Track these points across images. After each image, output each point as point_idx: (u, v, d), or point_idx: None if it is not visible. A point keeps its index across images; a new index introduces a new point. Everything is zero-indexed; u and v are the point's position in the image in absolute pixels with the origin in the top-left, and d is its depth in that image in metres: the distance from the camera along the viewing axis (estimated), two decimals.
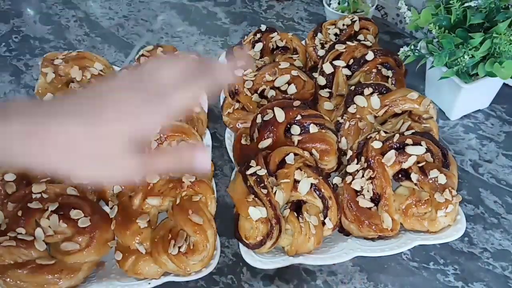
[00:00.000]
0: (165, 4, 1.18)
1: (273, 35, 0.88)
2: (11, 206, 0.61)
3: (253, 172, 0.58)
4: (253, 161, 0.59)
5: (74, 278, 0.59)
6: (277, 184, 0.57)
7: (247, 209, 0.55)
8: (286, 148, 0.62)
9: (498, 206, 0.69)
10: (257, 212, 0.55)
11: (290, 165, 0.59)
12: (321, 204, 0.59)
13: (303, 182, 0.58)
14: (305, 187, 0.58)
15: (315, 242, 0.58)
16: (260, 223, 0.56)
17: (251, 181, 0.57)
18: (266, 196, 0.56)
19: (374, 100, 0.69)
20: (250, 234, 0.56)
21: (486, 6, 0.69)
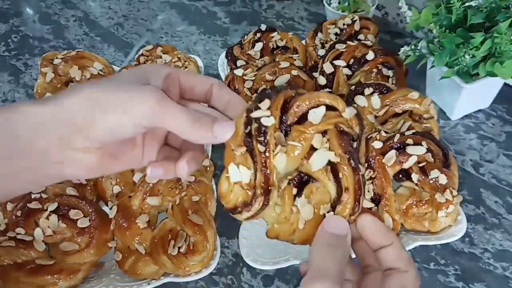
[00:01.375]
0: (165, 4, 1.18)
1: (273, 34, 0.87)
2: (11, 206, 0.60)
3: (259, 116, 0.39)
4: (267, 101, 0.40)
5: (73, 279, 0.59)
6: (285, 143, 0.40)
7: (228, 164, 0.39)
8: (321, 94, 0.41)
9: (499, 206, 0.69)
10: (237, 173, 0.39)
11: (311, 124, 0.40)
12: (333, 192, 0.41)
13: (319, 154, 0.40)
14: (318, 162, 0.41)
15: (301, 239, 0.42)
16: (239, 187, 0.39)
17: (252, 128, 0.39)
18: (262, 155, 0.39)
19: (374, 100, 0.69)
20: (225, 194, 0.41)
21: (487, 5, 0.69)
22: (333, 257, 0.36)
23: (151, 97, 0.34)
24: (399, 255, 0.38)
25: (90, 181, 0.68)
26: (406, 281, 0.37)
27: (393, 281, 0.37)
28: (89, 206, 0.62)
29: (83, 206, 0.61)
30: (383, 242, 0.39)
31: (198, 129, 0.35)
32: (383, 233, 0.40)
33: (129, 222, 0.60)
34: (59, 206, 0.60)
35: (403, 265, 0.38)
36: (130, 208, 0.62)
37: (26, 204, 0.60)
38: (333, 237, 0.38)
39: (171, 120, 0.35)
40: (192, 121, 0.35)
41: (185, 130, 0.35)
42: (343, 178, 0.40)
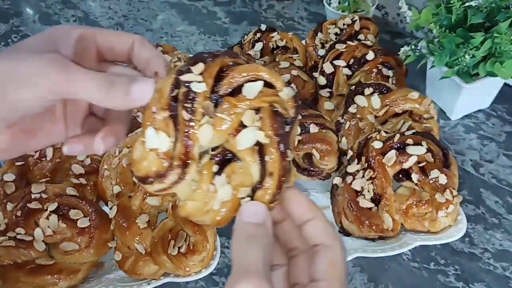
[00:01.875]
0: (165, 4, 1.18)
1: (273, 34, 0.87)
2: (10, 206, 0.60)
3: (189, 80, 0.35)
4: (200, 65, 0.35)
5: (73, 279, 0.59)
6: (213, 115, 0.35)
7: (146, 127, 0.34)
8: (260, 68, 0.37)
9: (499, 206, 0.69)
10: (154, 139, 0.34)
11: (245, 98, 0.36)
12: (256, 175, 0.36)
13: (248, 133, 0.36)
14: (246, 140, 0.36)
15: (214, 221, 0.37)
16: (154, 155, 0.34)
17: (180, 92, 0.35)
18: (186, 123, 0.34)
19: (374, 100, 0.69)
20: (137, 161, 0.35)
21: (487, 5, 0.69)
22: (256, 249, 0.32)
23: (49, 68, 0.31)
24: (324, 229, 0.36)
25: (90, 181, 0.68)
26: (334, 255, 0.35)
27: (321, 258, 0.35)
28: (89, 206, 0.62)
29: (83, 206, 0.61)
30: (308, 215, 0.36)
31: (114, 93, 0.32)
32: (307, 206, 0.37)
33: (129, 222, 0.60)
34: (59, 206, 0.60)
35: (329, 238, 0.35)
36: (130, 208, 0.62)
37: (26, 204, 0.60)
38: (252, 227, 0.34)
39: (81, 89, 0.31)
40: (105, 86, 0.32)
41: (100, 97, 0.32)
42: (269, 162, 0.36)
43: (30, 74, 0.31)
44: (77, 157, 0.70)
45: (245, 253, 0.32)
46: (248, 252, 0.32)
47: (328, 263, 0.34)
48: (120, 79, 0.33)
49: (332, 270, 0.34)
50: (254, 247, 0.33)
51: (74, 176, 0.68)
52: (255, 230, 0.34)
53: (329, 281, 0.33)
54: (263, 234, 0.34)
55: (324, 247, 0.35)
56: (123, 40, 0.37)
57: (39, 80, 0.30)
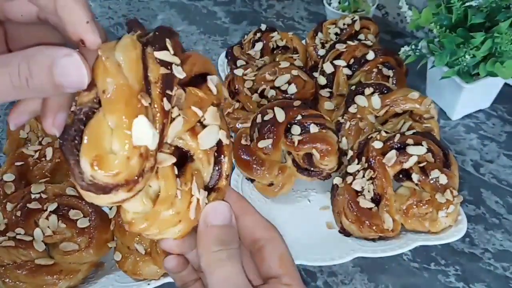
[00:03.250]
0: (165, 4, 1.18)
1: (273, 34, 0.87)
2: (10, 207, 0.60)
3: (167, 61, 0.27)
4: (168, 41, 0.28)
5: (73, 279, 0.59)
6: (182, 106, 0.29)
7: (133, 116, 0.25)
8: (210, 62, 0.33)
9: (499, 206, 0.68)
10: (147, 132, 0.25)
11: (209, 92, 0.31)
12: (209, 177, 0.32)
13: (211, 131, 0.31)
14: (209, 140, 0.31)
15: (184, 231, 0.31)
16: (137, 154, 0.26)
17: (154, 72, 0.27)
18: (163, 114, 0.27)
19: (374, 100, 0.69)
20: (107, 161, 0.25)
21: (487, 5, 0.68)
22: (234, 258, 0.30)
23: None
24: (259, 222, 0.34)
25: None
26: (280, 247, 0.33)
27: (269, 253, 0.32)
28: (88, 206, 0.62)
29: (83, 206, 0.61)
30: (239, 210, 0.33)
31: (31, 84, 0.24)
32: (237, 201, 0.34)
33: None
34: (59, 206, 0.60)
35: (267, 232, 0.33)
36: None
37: (26, 204, 0.60)
38: (220, 230, 0.30)
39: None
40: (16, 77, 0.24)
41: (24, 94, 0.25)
42: (226, 163, 0.33)
43: None
44: None
45: (225, 267, 0.29)
46: (228, 266, 0.29)
47: (278, 257, 0.33)
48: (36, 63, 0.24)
49: (285, 263, 0.33)
50: (232, 257, 0.30)
51: None
52: (225, 234, 0.31)
53: (289, 274, 0.32)
54: (234, 237, 0.32)
55: (266, 241, 0.33)
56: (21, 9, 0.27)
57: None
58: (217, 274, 0.29)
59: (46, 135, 0.73)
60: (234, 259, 0.30)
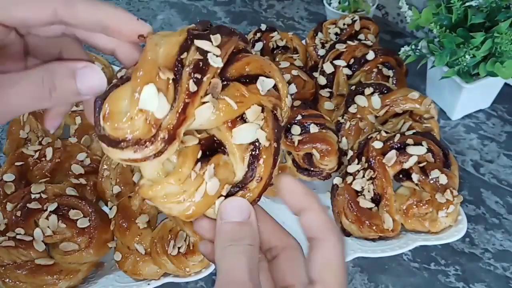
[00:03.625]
0: (165, 4, 1.18)
1: (273, 34, 0.87)
2: (10, 207, 0.60)
3: (207, 50, 0.30)
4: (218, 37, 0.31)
5: (73, 279, 0.59)
6: (217, 96, 0.31)
7: (145, 83, 0.28)
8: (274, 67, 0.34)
9: (499, 206, 0.68)
10: (152, 100, 0.28)
11: (256, 91, 0.32)
12: (240, 174, 0.33)
13: (248, 128, 0.32)
14: (245, 136, 0.32)
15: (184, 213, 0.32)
16: (143, 118, 0.28)
17: (189, 58, 0.30)
18: (188, 95, 0.29)
19: (375, 100, 0.69)
20: (119, 116, 0.29)
21: (487, 5, 0.68)
22: (241, 256, 0.29)
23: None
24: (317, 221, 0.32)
25: (90, 181, 0.68)
26: (328, 252, 0.31)
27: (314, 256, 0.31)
28: (89, 206, 0.62)
29: (83, 206, 0.61)
30: (303, 205, 0.33)
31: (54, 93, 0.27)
32: (302, 195, 0.33)
33: (129, 223, 0.60)
34: (59, 206, 0.60)
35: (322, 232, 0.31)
36: (130, 208, 0.61)
37: (26, 204, 0.60)
38: (235, 227, 0.30)
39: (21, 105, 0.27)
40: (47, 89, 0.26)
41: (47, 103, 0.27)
42: (261, 166, 0.32)
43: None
44: (77, 157, 0.69)
45: (229, 260, 0.29)
46: (232, 260, 0.29)
47: (321, 263, 0.31)
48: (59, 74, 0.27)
49: (326, 271, 0.31)
50: (239, 252, 0.29)
51: (74, 176, 0.68)
52: (239, 231, 0.31)
53: (325, 283, 0.30)
54: (248, 234, 0.31)
55: (317, 242, 0.32)
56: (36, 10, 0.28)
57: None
58: (222, 266, 0.29)
59: (46, 135, 0.73)
60: (242, 254, 0.29)
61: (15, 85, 0.26)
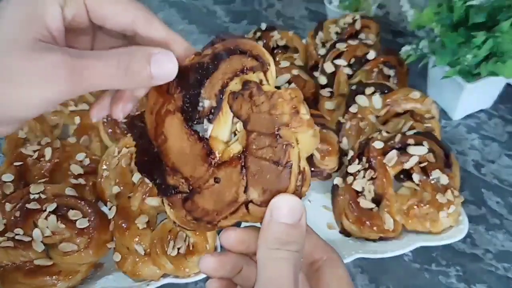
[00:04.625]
0: (164, 3, 1.18)
1: (273, 33, 0.87)
2: (9, 207, 0.60)
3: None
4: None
5: (72, 280, 0.59)
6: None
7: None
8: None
9: (500, 206, 0.68)
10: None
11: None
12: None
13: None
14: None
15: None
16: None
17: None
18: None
19: (375, 99, 0.69)
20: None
21: (488, 5, 0.68)
22: (287, 262, 0.28)
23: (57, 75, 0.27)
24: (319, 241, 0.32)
25: (89, 182, 0.68)
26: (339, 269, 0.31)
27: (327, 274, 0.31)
28: (88, 206, 0.61)
29: (82, 206, 0.61)
30: None
31: (132, 75, 0.28)
32: None
33: (128, 223, 0.60)
34: (58, 206, 0.60)
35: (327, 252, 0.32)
36: (129, 208, 0.61)
37: (25, 205, 0.59)
38: (285, 229, 0.29)
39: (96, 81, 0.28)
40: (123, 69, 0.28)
41: (119, 83, 0.29)
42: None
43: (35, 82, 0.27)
44: (76, 157, 0.69)
45: (275, 266, 0.28)
46: (278, 266, 0.28)
47: (336, 279, 0.31)
48: (136, 56, 0.29)
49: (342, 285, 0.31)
50: (286, 259, 0.28)
51: (73, 176, 0.68)
52: (288, 234, 0.29)
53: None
54: (297, 239, 0.29)
55: (324, 262, 0.32)
56: (120, 13, 0.30)
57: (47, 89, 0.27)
58: (266, 271, 0.28)
59: (45, 135, 0.73)
60: (289, 262, 0.28)
61: (94, 58, 0.28)
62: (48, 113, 0.75)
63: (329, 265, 0.32)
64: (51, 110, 0.30)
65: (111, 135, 0.73)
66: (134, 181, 0.64)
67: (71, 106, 0.75)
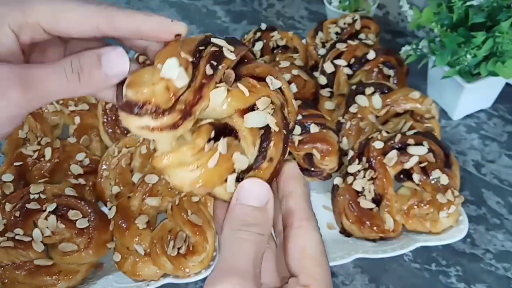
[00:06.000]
0: (164, 3, 1.18)
1: (273, 34, 0.87)
2: (9, 207, 0.60)
3: (222, 45, 0.35)
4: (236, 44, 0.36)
5: (72, 280, 0.59)
6: (231, 85, 0.34)
7: (168, 56, 0.32)
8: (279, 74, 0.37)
9: (500, 206, 0.68)
10: (173, 70, 0.31)
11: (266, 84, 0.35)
12: (252, 158, 0.34)
13: (259, 114, 0.35)
14: (256, 120, 0.34)
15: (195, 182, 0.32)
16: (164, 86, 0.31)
17: (207, 50, 0.34)
18: (205, 76, 0.32)
19: (375, 99, 0.69)
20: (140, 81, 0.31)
21: (488, 5, 0.68)
22: (249, 245, 0.27)
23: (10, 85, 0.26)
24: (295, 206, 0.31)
25: (89, 182, 0.68)
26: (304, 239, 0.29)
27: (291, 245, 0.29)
28: (88, 206, 0.61)
29: (82, 206, 0.61)
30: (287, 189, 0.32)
31: (85, 78, 0.28)
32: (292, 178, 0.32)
33: (128, 223, 0.60)
34: (58, 206, 0.60)
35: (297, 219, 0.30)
36: (129, 208, 0.61)
37: (25, 205, 0.59)
38: (250, 212, 0.29)
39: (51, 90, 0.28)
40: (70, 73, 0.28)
41: (75, 90, 0.28)
42: (271, 148, 0.34)
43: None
44: (76, 157, 0.69)
45: (235, 247, 0.28)
46: (239, 247, 0.27)
47: (300, 251, 0.29)
48: (86, 60, 0.28)
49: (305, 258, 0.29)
50: (248, 241, 0.28)
51: (73, 176, 0.68)
52: (253, 217, 0.29)
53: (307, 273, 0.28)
54: (262, 222, 0.29)
55: (291, 230, 0.30)
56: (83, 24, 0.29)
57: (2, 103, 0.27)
58: (226, 251, 0.28)
59: (45, 135, 0.73)
60: (250, 243, 0.28)
61: (46, 67, 0.28)
62: (48, 113, 0.75)
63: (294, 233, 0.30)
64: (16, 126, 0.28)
65: (111, 135, 0.73)
66: (134, 181, 0.64)
67: (71, 106, 0.75)
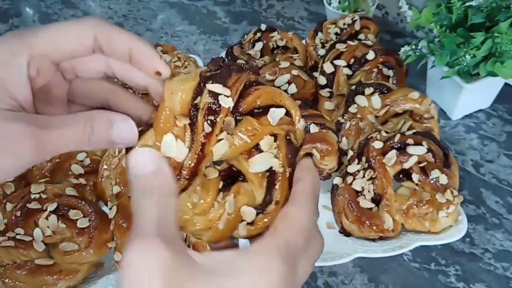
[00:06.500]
0: (165, 4, 1.18)
1: (273, 34, 0.87)
2: (10, 207, 0.60)
3: (216, 92, 0.33)
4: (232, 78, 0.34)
5: (73, 279, 0.59)
6: (232, 132, 0.34)
7: (164, 133, 0.32)
8: (283, 95, 0.37)
9: (499, 206, 0.68)
10: (172, 147, 0.32)
11: (267, 123, 0.35)
12: (260, 199, 0.36)
13: (264, 158, 0.36)
14: (260, 165, 0.36)
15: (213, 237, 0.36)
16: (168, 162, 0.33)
17: (203, 101, 0.33)
18: (204, 136, 0.33)
19: (375, 99, 0.69)
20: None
21: (487, 5, 0.68)
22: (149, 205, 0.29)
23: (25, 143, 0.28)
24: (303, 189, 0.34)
25: (89, 181, 0.68)
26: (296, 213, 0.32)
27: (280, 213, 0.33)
28: (88, 206, 0.62)
29: (83, 206, 0.61)
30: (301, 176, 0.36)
31: (95, 142, 0.31)
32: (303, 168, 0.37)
33: (129, 223, 0.60)
34: (59, 206, 0.60)
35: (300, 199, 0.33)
36: (130, 208, 0.61)
37: (26, 204, 0.59)
38: (143, 179, 0.30)
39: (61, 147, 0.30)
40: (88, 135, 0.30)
41: (82, 147, 0.31)
42: (277, 191, 0.36)
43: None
44: (76, 157, 0.69)
45: (138, 210, 0.29)
46: (141, 209, 0.28)
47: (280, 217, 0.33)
48: (98, 122, 0.31)
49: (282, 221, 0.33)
50: (147, 202, 0.29)
51: (74, 176, 0.68)
52: (148, 182, 0.30)
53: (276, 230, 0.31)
54: (159, 184, 0.30)
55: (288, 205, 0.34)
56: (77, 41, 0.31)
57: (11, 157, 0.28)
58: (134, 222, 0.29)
59: None
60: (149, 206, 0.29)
61: (59, 127, 0.29)
62: None
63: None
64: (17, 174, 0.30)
65: None
66: None
67: None
